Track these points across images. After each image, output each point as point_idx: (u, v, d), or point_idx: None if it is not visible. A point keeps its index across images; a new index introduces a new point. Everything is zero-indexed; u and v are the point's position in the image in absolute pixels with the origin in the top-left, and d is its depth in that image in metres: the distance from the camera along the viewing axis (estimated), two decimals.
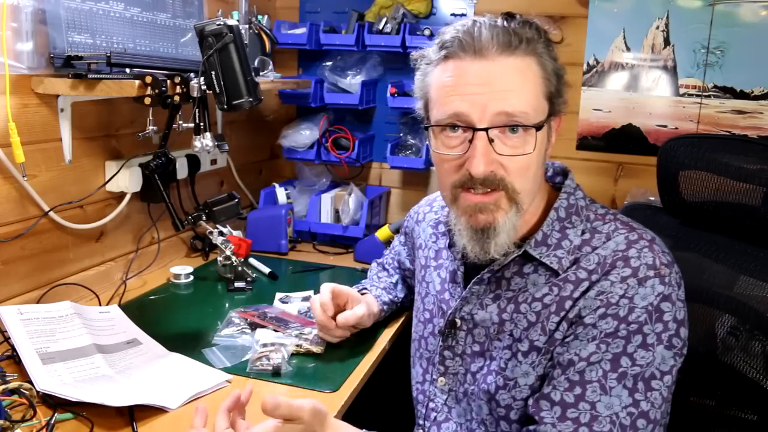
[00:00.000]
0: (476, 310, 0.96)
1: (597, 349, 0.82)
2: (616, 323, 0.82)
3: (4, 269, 1.24)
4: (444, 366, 1.00)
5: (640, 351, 0.81)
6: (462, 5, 2.00)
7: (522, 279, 0.92)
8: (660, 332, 0.82)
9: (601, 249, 0.87)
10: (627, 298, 0.83)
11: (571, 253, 0.89)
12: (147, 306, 1.45)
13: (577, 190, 0.95)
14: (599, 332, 0.83)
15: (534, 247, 0.91)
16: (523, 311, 0.90)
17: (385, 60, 2.08)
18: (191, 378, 1.10)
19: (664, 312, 0.82)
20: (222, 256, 1.59)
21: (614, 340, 0.82)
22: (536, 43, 0.86)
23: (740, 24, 1.76)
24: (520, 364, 0.90)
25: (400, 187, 2.18)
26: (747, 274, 1.02)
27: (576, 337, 0.85)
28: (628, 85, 1.89)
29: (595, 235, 0.90)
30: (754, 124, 1.79)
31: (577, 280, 0.87)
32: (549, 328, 0.88)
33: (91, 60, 1.25)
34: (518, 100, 0.84)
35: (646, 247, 0.86)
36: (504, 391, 0.91)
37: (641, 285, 0.83)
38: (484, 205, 0.86)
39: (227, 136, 1.83)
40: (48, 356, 1.08)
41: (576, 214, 0.92)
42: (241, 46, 1.25)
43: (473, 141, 0.84)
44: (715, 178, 1.07)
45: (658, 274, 0.83)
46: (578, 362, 0.83)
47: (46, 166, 1.31)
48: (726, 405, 1.02)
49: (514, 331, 0.91)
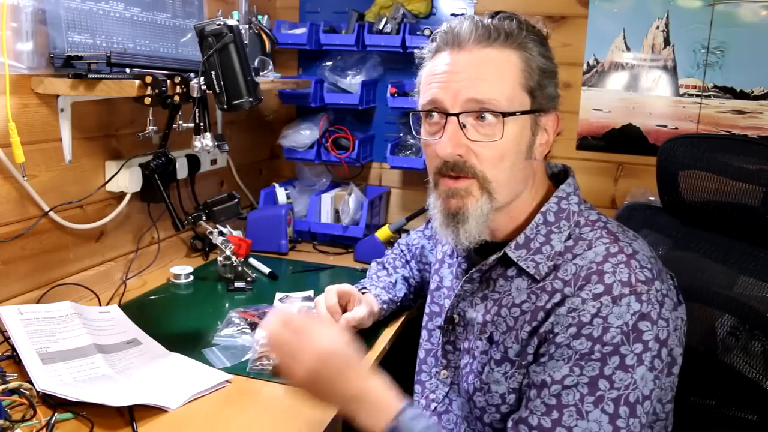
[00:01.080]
0: (467, 308, 0.97)
1: (571, 372, 0.80)
2: (590, 344, 0.79)
3: (4, 269, 1.24)
4: (446, 359, 1.02)
5: (619, 373, 0.78)
6: (462, 5, 2.00)
7: (506, 282, 0.92)
8: (640, 353, 0.78)
9: (579, 258, 0.85)
10: (600, 317, 0.80)
11: (550, 259, 0.87)
12: (147, 306, 1.45)
13: (572, 194, 0.93)
14: (573, 353, 0.80)
15: (514, 249, 0.90)
16: (503, 315, 0.90)
17: (385, 60, 2.08)
18: (191, 378, 1.10)
19: (642, 331, 0.79)
20: (222, 256, 1.59)
21: (589, 362, 0.79)
22: (518, 36, 0.87)
23: (740, 24, 1.75)
24: (492, 371, 0.90)
25: (400, 187, 2.18)
26: (747, 274, 1.02)
27: (551, 357, 0.82)
28: (628, 85, 1.89)
29: (578, 242, 0.87)
30: (754, 124, 1.79)
31: (552, 290, 0.85)
32: (521, 337, 0.87)
33: (91, 60, 1.25)
34: (490, 88, 0.85)
35: (623, 262, 0.83)
36: (480, 393, 0.92)
37: (615, 303, 0.80)
38: (456, 190, 0.89)
39: (227, 136, 1.83)
40: (48, 356, 1.08)
41: (566, 219, 0.90)
42: (241, 46, 1.25)
43: (445, 125, 0.87)
44: (715, 178, 1.07)
45: (634, 292, 0.80)
46: (552, 384, 0.81)
47: (46, 166, 1.31)
48: (726, 405, 1.02)
49: (494, 334, 0.91)
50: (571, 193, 0.93)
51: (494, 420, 0.90)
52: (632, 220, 1.23)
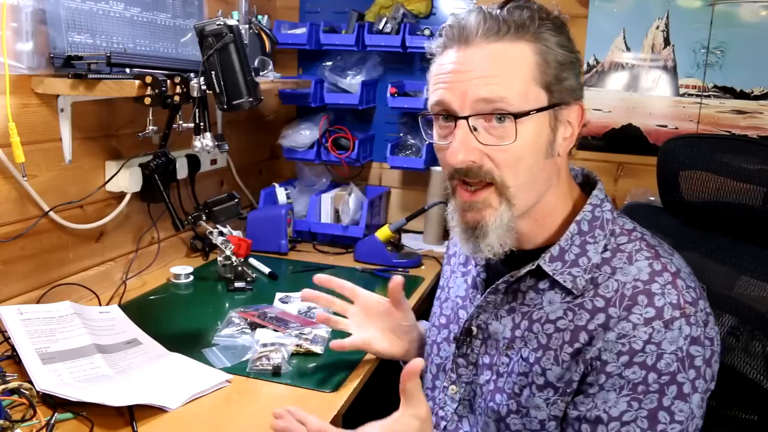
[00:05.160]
0: (491, 321, 0.91)
1: (629, 407, 0.76)
2: (644, 372, 0.75)
3: (4, 269, 1.24)
4: (456, 374, 0.96)
5: (678, 403, 0.75)
6: (462, 5, 2.00)
7: (537, 295, 0.86)
8: (693, 379, 0.76)
9: (621, 274, 0.81)
10: (653, 344, 0.76)
11: (587, 272, 0.83)
12: (147, 306, 1.45)
13: (605, 201, 0.88)
14: (626, 383, 0.76)
15: (548, 262, 0.85)
16: (535, 331, 0.85)
17: (385, 60, 2.08)
18: (191, 378, 1.10)
19: (694, 357, 0.76)
20: (222, 256, 1.59)
21: (647, 394, 0.75)
22: (530, 27, 0.80)
23: (740, 24, 1.75)
24: (534, 396, 0.84)
25: (400, 187, 2.18)
26: (747, 275, 1.02)
27: (601, 387, 0.78)
28: (628, 85, 1.89)
29: (617, 254, 0.83)
30: (754, 124, 1.79)
31: (594, 308, 0.81)
32: (562, 359, 0.82)
33: (91, 60, 1.25)
34: (500, 86, 0.79)
35: (669, 283, 0.78)
36: (516, 416, 0.87)
37: (668, 328, 0.76)
38: (473, 203, 0.83)
39: (227, 136, 1.82)
40: (48, 356, 1.08)
41: (600, 228, 0.85)
42: (241, 46, 1.25)
43: (455, 130, 0.81)
44: (715, 178, 1.07)
45: (684, 314, 0.76)
46: (610, 422, 0.77)
47: (46, 166, 1.31)
48: (726, 405, 1.01)
49: (523, 351, 0.86)
50: (604, 199, 0.88)
51: None
52: (632, 221, 1.22)
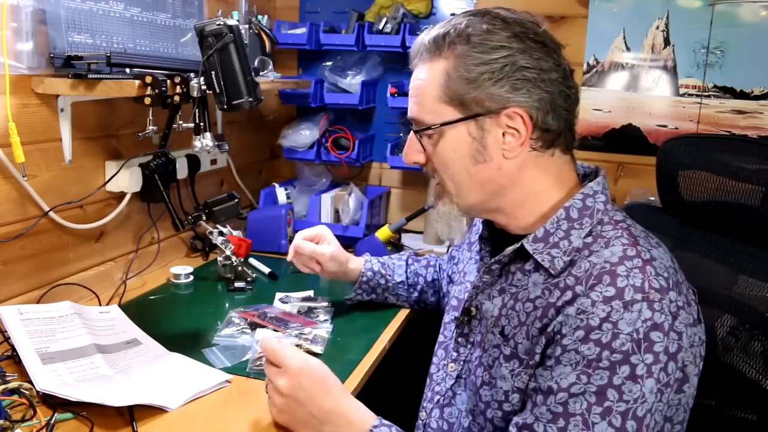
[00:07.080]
0: (484, 300, 0.96)
1: (577, 380, 0.77)
2: (599, 350, 0.77)
3: (4, 269, 1.24)
4: (457, 352, 1.00)
5: (629, 384, 0.75)
6: (462, 5, 2.00)
7: (524, 276, 0.90)
8: (650, 364, 0.76)
9: (595, 256, 0.83)
10: (610, 323, 0.77)
11: (567, 254, 0.85)
12: (147, 306, 1.45)
13: (599, 193, 0.90)
14: (581, 358, 0.78)
15: (531, 242, 0.88)
16: (517, 309, 0.89)
17: (385, 60, 2.08)
18: (191, 378, 1.10)
19: (654, 342, 0.76)
20: (222, 256, 1.59)
21: (597, 370, 0.76)
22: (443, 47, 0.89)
23: (740, 24, 1.76)
24: (501, 365, 0.89)
25: (400, 187, 2.18)
26: (747, 274, 1.02)
27: (558, 361, 0.80)
28: (628, 85, 1.89)
29: (597, 240, 0.85)
30: (754, 124, 1.79)
31: (564, 287, 0.83)
32: (532, 333, 0.85)
33: (91, 60, 1.25)
34: (417, 105, 0.93)
35: (637, 267, 0.80)
36: (487, 387, 0.91)
37: (626, 309, 0.77)
38: (435, 191, 0.98)
39: (227, 136, 1.83)
40: (48, 356, 1.08)
41: (589, 217, 0.87)
42: (241, 46, 1.25)
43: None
44: (715, 178, 1.07)
45: (647, 299, 0.77)
46: (559, 392, 0.78)
47: (46, 166, 1.31)
48: (726, 405, 1.01)
49: (506, 328, 0.90)
50: (599, 191, 0.90)
51: (495, 417, 0.89)
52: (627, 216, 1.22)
